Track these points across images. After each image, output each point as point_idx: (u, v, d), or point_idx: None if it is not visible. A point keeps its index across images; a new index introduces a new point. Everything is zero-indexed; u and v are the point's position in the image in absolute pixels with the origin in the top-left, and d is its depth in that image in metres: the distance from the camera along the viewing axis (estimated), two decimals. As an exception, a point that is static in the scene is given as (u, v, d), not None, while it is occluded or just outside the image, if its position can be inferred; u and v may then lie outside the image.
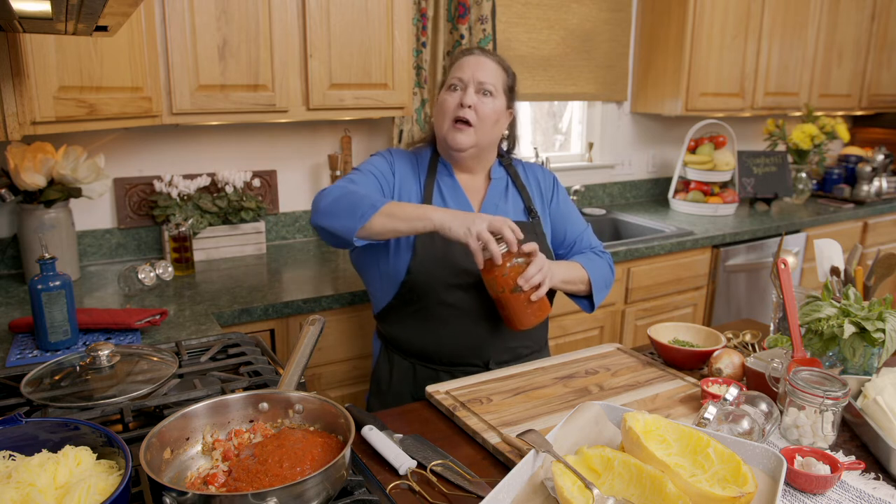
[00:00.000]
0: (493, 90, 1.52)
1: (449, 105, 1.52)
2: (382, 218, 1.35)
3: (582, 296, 1.61)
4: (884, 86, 4.14)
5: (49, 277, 1.44)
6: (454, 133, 1.52)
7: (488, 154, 1.61)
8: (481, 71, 1.52)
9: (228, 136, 2.39)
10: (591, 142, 3.41)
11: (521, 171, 1.69)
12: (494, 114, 1.53)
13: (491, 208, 1.60)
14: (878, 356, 1.28)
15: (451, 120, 1.52)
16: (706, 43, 3.11)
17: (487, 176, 1.64)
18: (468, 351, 1.53)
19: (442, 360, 1.55)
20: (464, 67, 1.53)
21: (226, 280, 2.08)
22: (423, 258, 1.50)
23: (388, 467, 1.07)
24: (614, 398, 1.32)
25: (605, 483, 0.95)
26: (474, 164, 1.60)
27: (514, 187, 1.65)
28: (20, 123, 1.43)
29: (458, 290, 1.50)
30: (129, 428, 1.07)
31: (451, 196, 1.58)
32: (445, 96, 1.54)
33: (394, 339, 1.60)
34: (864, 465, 1.06)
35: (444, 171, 1.60)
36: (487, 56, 1.56)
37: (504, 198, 1.62)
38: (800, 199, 3.71)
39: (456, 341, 1.53)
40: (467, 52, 1.57)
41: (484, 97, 1.52)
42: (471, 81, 1.51)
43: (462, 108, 1.50)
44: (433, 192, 1.57)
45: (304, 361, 1.10)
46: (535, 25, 2.95)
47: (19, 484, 0.79)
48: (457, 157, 1.57)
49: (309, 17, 2.06)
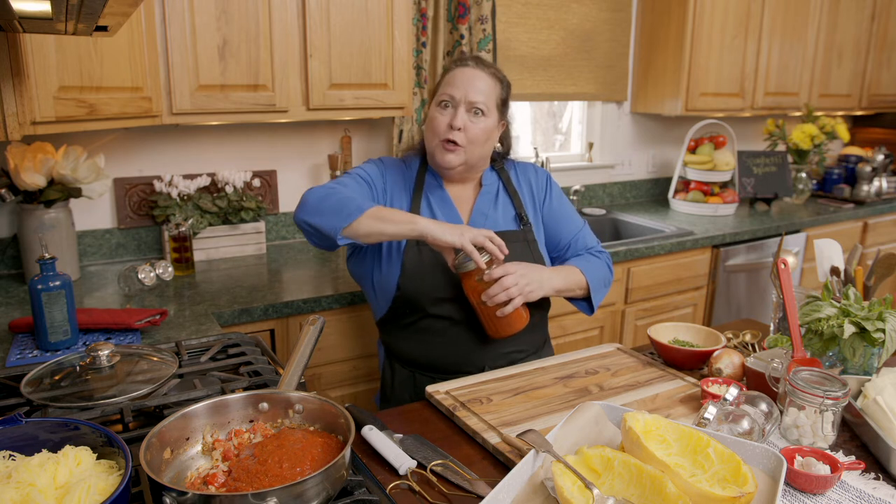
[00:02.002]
0: (484, 109, 1.50)
1: (439, 124, 1.50)
2: (369, 220, 1.36)
3: (580, 298, 1.61)
4: (884, 86, 4.14)
5: (49, 277, 1.44)
6: (443, 153, 1.51)
7: (479, 167, 1.61)
8: (473, 90, 1.49)
9: (228, 136, 2.39)
10: (591, 142, 3.41)
11: (513, 173, 1.67)
12: (485, 133, 1.52)
13: (480, 218, 1.59)
14: (878, 356, 1.28)
15: (440, 139, 1.50)
16: (706, 43, 3.11)
17: (478, 183, 1.63)
18: (463, 358, 1.53)
19: (438, 368, 1.55)
20: (456, 84, 1.50)
21: (226, 280, 2.08)
22: (412, 274, 1.50)
23: (388, 467, 1.07)
24: (614, 398, 1.32)
25: (605, 483, 0.95)
26: (465, 177, 1.60)
27: (506, 194, 1.64)
28: (20, 123, 1.43)
29: (447, 302, 1.50)
30: (129, 428, 1.07)
31: (440, 207, 1.58)
32: (435, 113, 1.51)
33: (393, 348, 1.61)
34: (864, 465, 1.06)
35: (434, 183, 1.60)
36: (482, 68, 1.52)
37: (494, 206, 1.61)
38: (800, 199, 3.71)
39: (451, 351, 1.53)
40: (461, 64, 1.54)
41: (475, 117, 1.50)
42: (462, 101, 1.48)
43: (452, 129, 1.48)
44: (421, 203, 1.57)
45: (304, 361, 1.10)
46: (535, 25, 2.95)
47: (19, 484, 0.79)
48: (446, 173, 1.57)
49: (309, 17, 2.06)
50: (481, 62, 1.55)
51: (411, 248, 1.51)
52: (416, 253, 1.51)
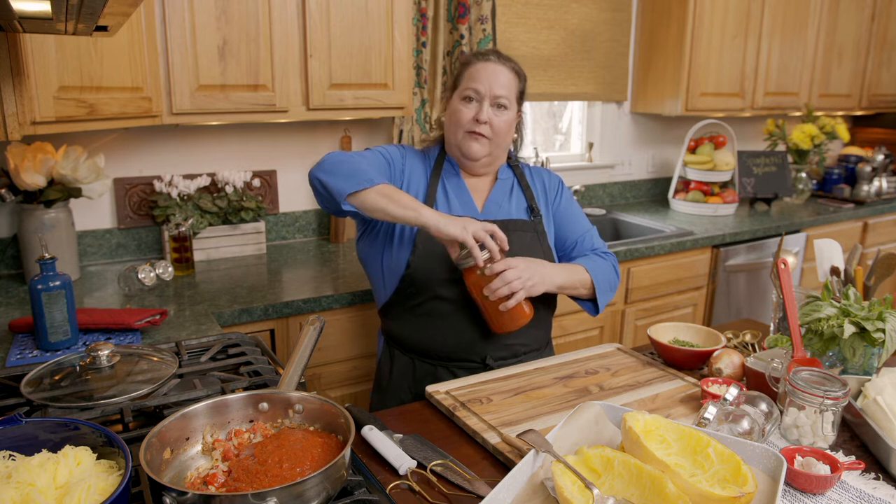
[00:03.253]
0: (507, 103, 1.55)
1: (464, 116, 1.54)
2: (377, 195, 1.38)
3: (585, 298, 1.61)
4: (884, 86, 4.14)
5: (49, 277, 1.44)
6: (469, 142, 1.55)
7: (499, 159, 1.64)
8: (498, 84, 1.53)
9: (228, 136, 2.39)
10: (591, 142, 3.41)
11: (527, 173, 1.71)
12: (508, 126, 1.57)
13: (494, 207, 1.61)
14: (878, 356, 1.28)
15: (465, 131, 1.54)
16: (706, 43, 3.11)
17: (494, 176, 1.66)
18: (466, 347, 1.54)
19: (440, 355, 1.55)
20: (480, 78, 1.53)
21: (226, 280, 2.08)
22: (423, 253, 1.51)
23: (388, 467, 1.07)
24: (614, 398, 1.32)
25: (605, 483, 0.95)
26: (485, 170, 1.64)
27: (519, 187, 1.66)
28: (20, 123, 1.43)
29: (456, 285, 1.50)
30: (129, 428, 1.07)
31: (456, 194, 1.60)
32: (460, 106, 1.55)
33: (395, 334, 1.61)
34: (864, 465, 1.06)
35: (451, 171, 1.62)
36: (503, 64, 1.56)
37: (508, 197, 1.64)
38: (800, 199, 3.71)
39: (454, 337, 1.53)
40: (483, 58, 1.56)
41: (499, 110, 1.54)
42: (487, 95, 1.52)
43: (478, 123, 1.53)
44: (437, 189, 1.59)
45: (304, 361, 1.10)
46: (535, 25, 2.95)
47: (19, 484, 0.79)
48: (468, 165, 1.60)
49: (309, 17, 2.06)
50: (502, 56, 1.58)
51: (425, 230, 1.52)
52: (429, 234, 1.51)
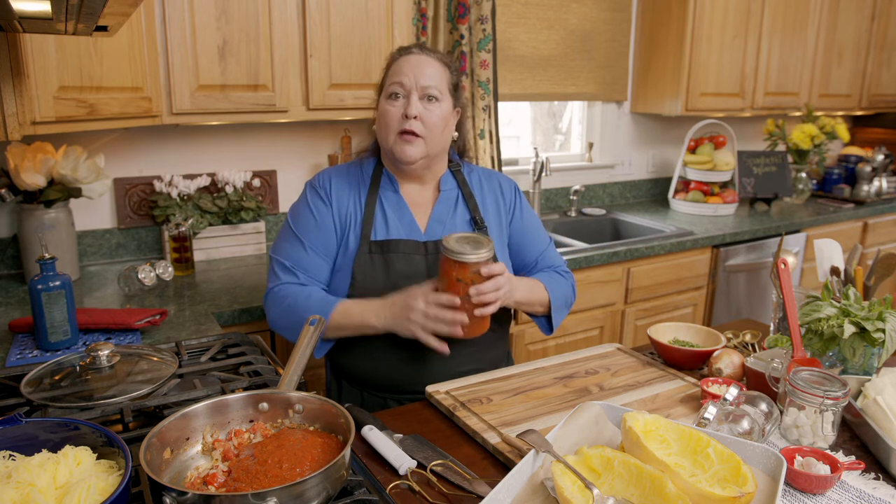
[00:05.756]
0: (438, 94, 1.42)
1: (392, 116, 1.41)
2: (331, 330, 1.40)
3: (540, 315, 1.57)
4: (884, 86, 4.14)
5: (49, 277, 1.44)
6: (402, 145, 1.42)
7: (439, 162, 1.52)
8: (423, 75, 1.41)
9: (228, 136, 2.39)
10: (591, 142, 3.41)
11: (475, 177, 1.59)
12: (442, 120, 1.44)
13: (437, 225, 1.50)
14: (878, 356, 1.28)
15: (396, 133, 1.42)
16: (706, 43, 3.11)
17: (437, 187, 1.54)
18: (412, 376, 1.46)
19: (385, 387, 1.49)
20: (404, 71, 1.41)
21: (226, 280, 2.08)
22: (363, 285, 1.44)
23: (388, 467, 1.07)
24: (614, 398, 1.32)
25: (605, 483, 0.95)
26: (424, 174, 1.51)
27: (463, 197, 1.55)
28: (20, 123, 1.43)
29: None
30: (129, 428, 1.07)
31: (397, 214, 1.49)
32: (387, 106, 1.42)
33: (341, 365, 1.54)
34: (864, 465, 1.06)
35: (389, 186, 1.50)
36: (428, 54, 1.45)
37: (452, 212, 1.52)
38: (800, 199, 3.71)
39: (399, 367, 1.46)
40: (405, 52, 1.46)
41: (430, 103, 1.42)
42: (413, 87, 1.40)
43: (407, 119, 1.40)
44: (375, 210, 1.48)
45: (304, 361, 1.10)
46: (535, 25, 2.95)
47: (19, 484, 0.79)
48: (405, 170, 1.48)
49: (309, 17, 2.06)
50: (426, 48, 1.47)
51: (362, 256, 1.45)
52: (368, 261, 1.44)
